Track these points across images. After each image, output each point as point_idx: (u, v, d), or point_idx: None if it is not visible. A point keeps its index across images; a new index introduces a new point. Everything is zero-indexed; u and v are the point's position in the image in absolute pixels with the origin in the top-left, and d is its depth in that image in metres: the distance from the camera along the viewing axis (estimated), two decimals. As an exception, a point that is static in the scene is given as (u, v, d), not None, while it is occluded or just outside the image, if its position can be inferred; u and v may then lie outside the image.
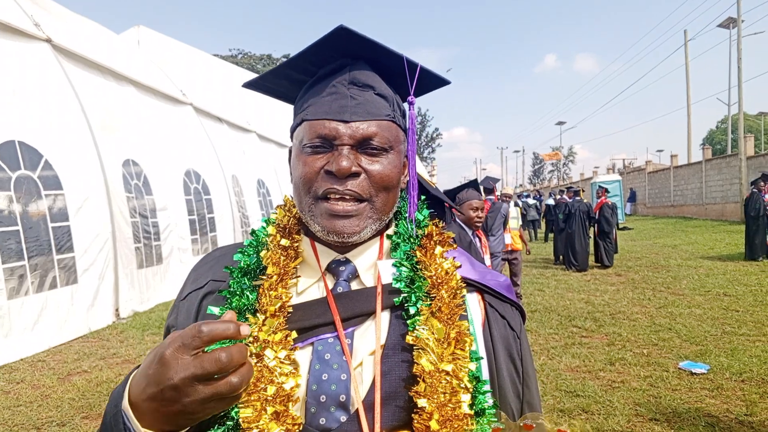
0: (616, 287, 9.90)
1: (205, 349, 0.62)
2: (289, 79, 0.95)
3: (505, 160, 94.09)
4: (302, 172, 0.86)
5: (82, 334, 7.04)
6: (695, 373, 5.06)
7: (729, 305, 7.83)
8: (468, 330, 0.85)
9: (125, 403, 0.67)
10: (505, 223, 8.25)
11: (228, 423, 0.78)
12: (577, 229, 12.52)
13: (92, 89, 8.36)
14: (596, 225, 12.84)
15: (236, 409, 0.78)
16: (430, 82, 0.96)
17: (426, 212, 0.99)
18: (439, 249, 0.92)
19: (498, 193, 9.18)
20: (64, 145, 7.25)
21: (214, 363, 0.60)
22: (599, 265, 12.65)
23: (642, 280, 10.45)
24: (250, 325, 0.77)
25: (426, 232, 0.94)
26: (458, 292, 0.88)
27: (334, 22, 0.84)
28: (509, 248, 8.71)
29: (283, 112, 16.89)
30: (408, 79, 0.88)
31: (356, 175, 0.84)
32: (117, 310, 7.94)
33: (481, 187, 4.97)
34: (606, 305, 8.25)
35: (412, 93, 0.90)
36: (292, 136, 0.94)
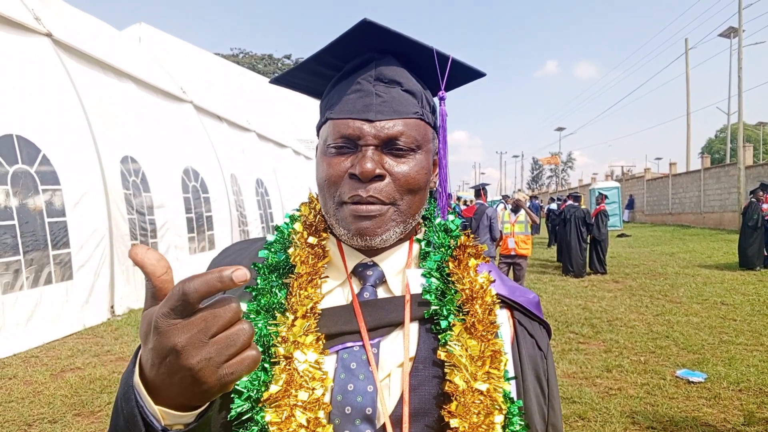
0: (613, 294, 9.88)
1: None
2: (315, 74, 0.91)
3: (504, 165, 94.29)
4: (326, 174, 0.83)
5: (76, 331, 6.99)
6: (692, 382, 5.04)
7: (726, 314, 7.82)
8: (503, 348, 0.82)
9: (136, 379, 0.60)
10: (492, 227, 8.10)
11: (253, 428, 0.73)
12: (573, 235, 12.53)
13: (92, 85, 8.32)
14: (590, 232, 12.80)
15: (262, 413, 0.73)
16: (463, 74, 0.91)
17: (458, 221, 0.94)
18: (472, 261, 0.88)
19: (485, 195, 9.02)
20: (63, 140, 7.21)
21: (213, 320, 0.53)
22: (592, 271, 12.68)
23: (639, 287, 10.44)
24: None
25: (459, 243, 0.90)
26: (493, 308, 0.84)
27: (335, 23, 0.81)
28: (512, 252, 8.59)
29: (283, 112, 16.93)
30: (438, 72, 0.84)
31: (380, 177, 0.81)
32: (112, 307, 7.89)
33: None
34: (603, 311, 8.23)
35: (443, 87, 0.86)
36: (318, 134, 0.90)
